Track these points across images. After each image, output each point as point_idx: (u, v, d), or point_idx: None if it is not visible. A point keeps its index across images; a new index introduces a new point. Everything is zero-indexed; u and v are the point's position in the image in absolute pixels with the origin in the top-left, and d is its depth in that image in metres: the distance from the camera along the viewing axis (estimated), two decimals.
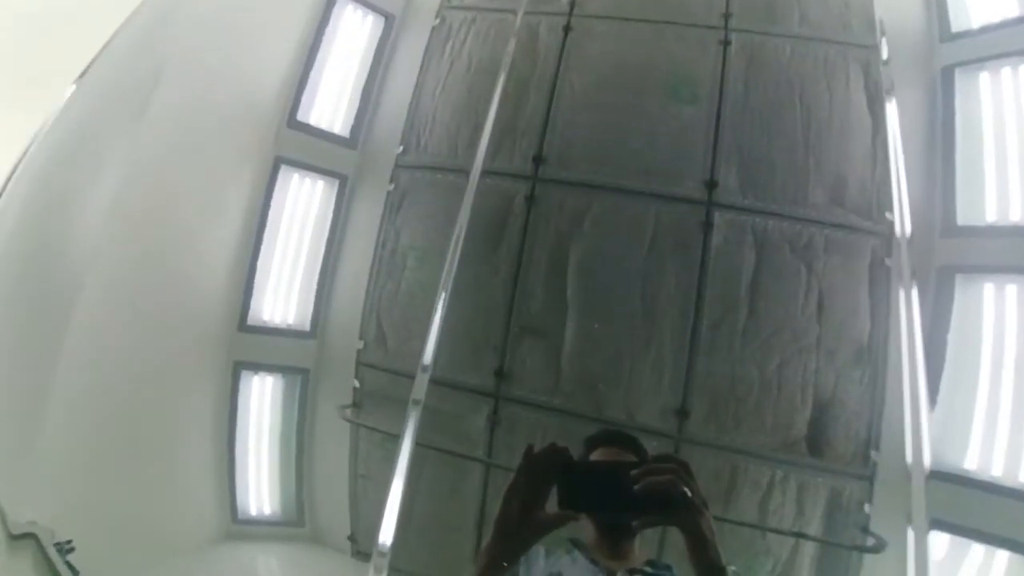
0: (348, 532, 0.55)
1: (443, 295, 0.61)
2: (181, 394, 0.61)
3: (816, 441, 0.56)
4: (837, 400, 0.57)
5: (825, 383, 0.58)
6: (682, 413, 0.60)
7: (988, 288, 0.61)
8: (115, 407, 0.60)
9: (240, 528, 0.55)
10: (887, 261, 0.64)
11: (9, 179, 0.75)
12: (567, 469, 0.47)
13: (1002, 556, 0.50)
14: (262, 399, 0.63)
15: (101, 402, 0.61)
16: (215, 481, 0.57)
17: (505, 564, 0.45)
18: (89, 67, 0.86)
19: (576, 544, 0.55)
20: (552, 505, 0.47)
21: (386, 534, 0.52)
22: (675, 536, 0.48)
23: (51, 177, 0.73)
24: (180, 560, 0.57)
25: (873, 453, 0.55)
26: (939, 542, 0.52)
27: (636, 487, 0.46)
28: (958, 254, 0.63)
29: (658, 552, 0.52)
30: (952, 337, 0.57)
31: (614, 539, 0.53)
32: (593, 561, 0.52)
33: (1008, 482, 0.53)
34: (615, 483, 0.46)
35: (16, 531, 0.56)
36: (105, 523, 0.56)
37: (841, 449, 0.56)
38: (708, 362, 0.61)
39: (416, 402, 0.57)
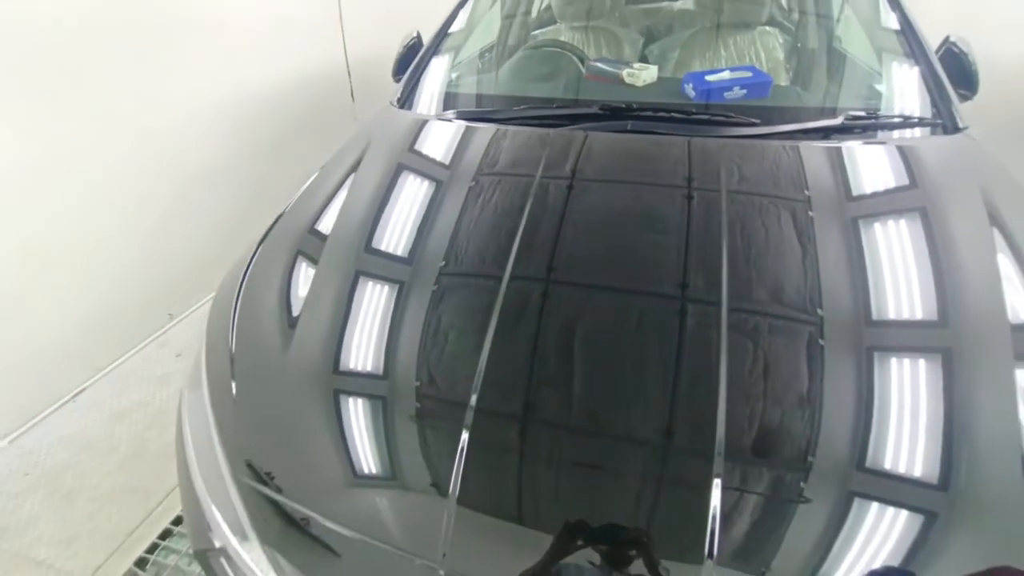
0: None
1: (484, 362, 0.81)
2: None
3: (766, 449, 0.71)
4: (784, 428, 0.73)
5: (772, 418, 0.74)
6: (668, 432, 0.74)
7: None
8: None
9: None
10: (820, 341, 0.83)
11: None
12: None
13: None
14: None
15: None
16: None
17: None
18: (282, 215, 1.27)
19: None
20: None
21: None
22: None
23: None
24: None
25: (809, 458, 0.70)
26: None
27: None
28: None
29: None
30: None
31: None
32: None
33: None
34: None
35: None
36: None
37: (787, 454, 0.70)
38: (686, 402, 0.76)
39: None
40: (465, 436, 0.72)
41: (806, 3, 1.82)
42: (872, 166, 1.11)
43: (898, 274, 0.90)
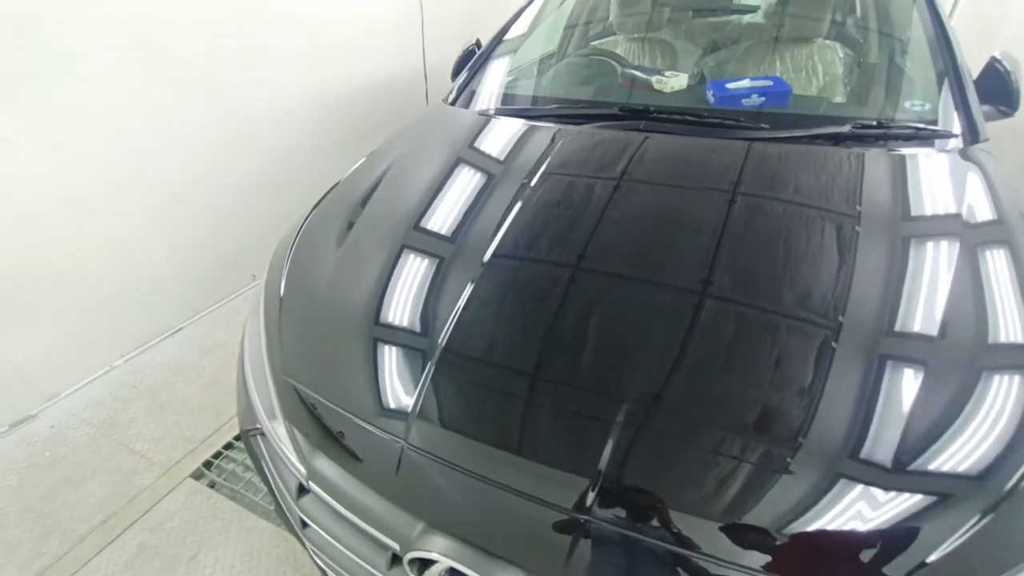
0: None
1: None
2: None
3: (764, 426, 0.78)
4: (782, 411, 0.78)
5: (772, 401, 0.80)
6: (659, 398, 0.82)
7: None
8: None
9: None
10: (833, 344, 0.87)
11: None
12: None
13: None
14: None
15: None
16: None
17: None
18: (336, 186, 1.53)
19: None
20: None
21: None
22: None
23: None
24: None
25: (800, 439, 0.75)
26: None
27: None
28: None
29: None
30: None
31: None
32: None
33: None
34: None
35: None
36: None
37: (780, 433, 0.76)
38: (689, 379, 0.83)
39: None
40: (432, 367, 0.90)
41: (848, 17, 1.81)
42: (883, 175, 1.14)
43: (897, 279, 0.92)
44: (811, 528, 0.68)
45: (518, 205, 1.16)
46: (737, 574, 0.67)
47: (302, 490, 0.90)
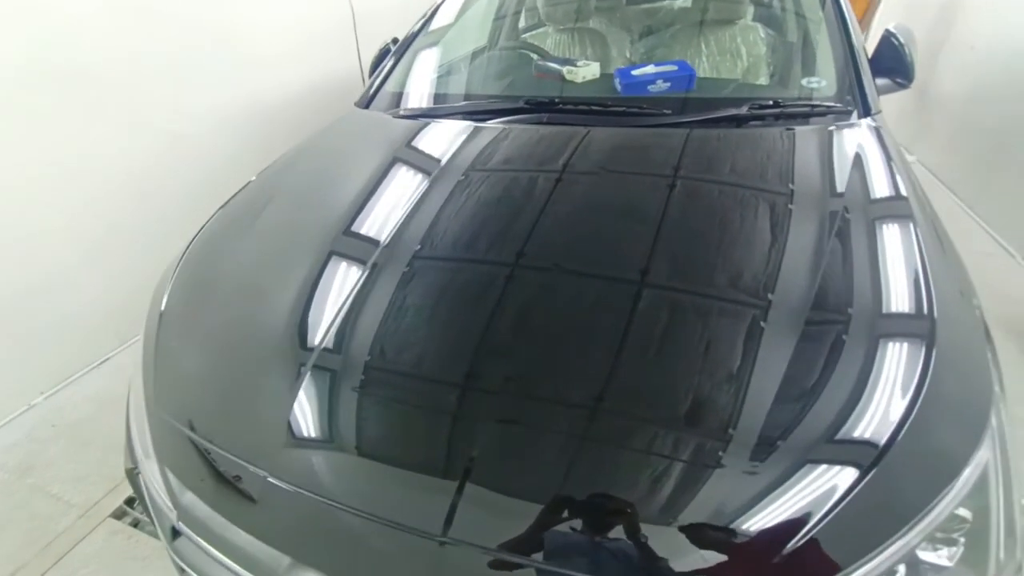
0: None
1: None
2: None
3: (694, 419, 0.74)
4: (711, 400, 0.76)
5: (703, 389, 0.77)
6: (599, 398, 0.78)
7: None
8: None
9: None
10: (762, 323, 0.85)
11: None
12: None
13: None
14: None
15: None
16: None
17: None
18: (230, 200, 1.45)
19: None
20: None
21: None
22: None
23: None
24: None
25: (730, 430, 0.73)
26: None
27: None
28: None
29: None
30: None
31: None
32: None
33: None
34: None
35: None
36: None
37: (712, 424, 0.73)
38: (625, 372, 0.80)
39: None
40: (299, 390, 0.85)
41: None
42: (792, 152, 1.14)
43: (772, 251, 0.92)
44: (719, 525, 0.64)
45: (407, 210, 1.12)
46: None
47: (176, 532, 0.85)
